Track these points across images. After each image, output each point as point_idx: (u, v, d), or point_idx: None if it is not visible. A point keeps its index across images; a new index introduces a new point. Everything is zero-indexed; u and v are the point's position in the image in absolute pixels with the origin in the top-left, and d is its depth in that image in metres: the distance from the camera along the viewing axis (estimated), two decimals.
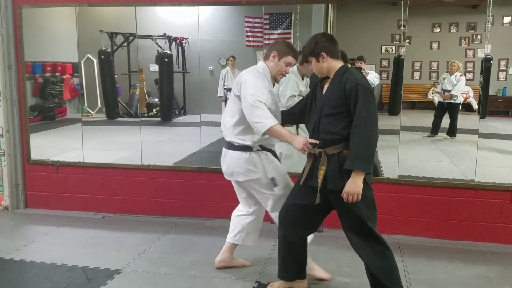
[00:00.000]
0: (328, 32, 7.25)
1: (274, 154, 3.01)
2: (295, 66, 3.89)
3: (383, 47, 8.07)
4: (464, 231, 3.79)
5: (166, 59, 7.73)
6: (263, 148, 2.91)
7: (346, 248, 3.62)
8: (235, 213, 3.25)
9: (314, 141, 2.58)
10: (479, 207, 3.77)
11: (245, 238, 3.18)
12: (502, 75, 8.18)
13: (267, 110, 2.69)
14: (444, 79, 6.44)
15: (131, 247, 3.63)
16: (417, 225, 3.88)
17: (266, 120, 2.65)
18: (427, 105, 7.56)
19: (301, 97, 3.62)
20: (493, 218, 3.75)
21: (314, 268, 3.10)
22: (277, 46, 2.93)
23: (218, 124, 6.97)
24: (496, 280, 3.13)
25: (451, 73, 6.37)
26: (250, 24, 7.38)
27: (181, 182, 4.35)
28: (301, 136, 2.76)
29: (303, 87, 4.01)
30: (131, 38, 7.39)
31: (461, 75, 6.34)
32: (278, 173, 2.95)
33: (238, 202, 4.24)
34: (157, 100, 7.85)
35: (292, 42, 7.48)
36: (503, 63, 8.06)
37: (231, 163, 2.95)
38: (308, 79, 4.51)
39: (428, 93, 7.49)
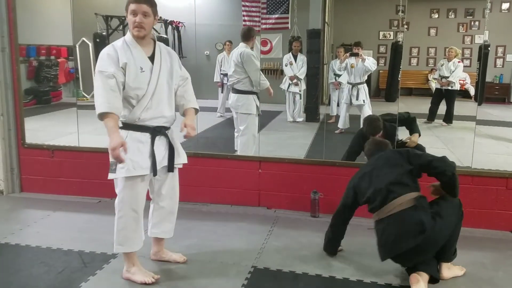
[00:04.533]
0: (326, 17, 7.20)
1: (153, 136, 2.73)
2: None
3: (381, 33, 8.02)
4: None
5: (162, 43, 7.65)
6: (126, 126, 2.69)
7: None
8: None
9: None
10: (475, 193, 3.78)
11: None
12: (499, 61, 8.17)
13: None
14: (442, 65, 6.42)
15: None
16: None
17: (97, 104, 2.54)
18: (424, 92, 7.55)
19: None
20: (488, 204, 3.77)
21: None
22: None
23: (214, 109, 6.99)
24: (490, 266, 3.15)
25: (449, 60, 6.35)
26: (247, 8, 7.31)
27: None
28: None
29: None
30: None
31: (459, 62, 6.32)
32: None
33: (235, 188, 4.25)
34: None
35: (289, 26, 7.45)
36: (500, 49, 8.04)
37: None
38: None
39: (429, 75, 7.48)
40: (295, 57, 6.94)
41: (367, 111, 6.09)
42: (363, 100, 6.12)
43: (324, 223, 3.87)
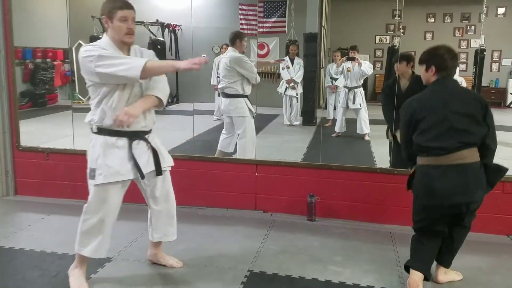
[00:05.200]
0: (323, 20, 7.21)
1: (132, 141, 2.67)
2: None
3: (377, 37, 8.06)
4: None
5: (158, 46, 7.66)
6: (102, 131, 2.63)
7: (338, 237, 3.65)
8: None
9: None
10: None
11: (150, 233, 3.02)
12: (495, 66, 8.21)
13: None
14: None
15: (122, 236, 3.60)
16: (409, 214, 3.82)
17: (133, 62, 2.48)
18: None
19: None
20: (485, 208, 3.69)
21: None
22: (102, 9, 2.57)
23: (211, 112, 6.97)
24: (487, 270, 3.15)
25: None
26: (244, 12, 7.32)
27: (173, 171, 4.27)
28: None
29: None
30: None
31: None
32: (104, 170, 2.64)
33: (231, 191, 4.24)
34: None
35: (286, 30, 7.46)
36: (496, 54, 8.09)
37: None
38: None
39: None
40: (292, 61, 6.96)
41: (364, 114, 6.11)
42: (360, 104, 6.13)
43: (321, 226, 3.88)
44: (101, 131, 2.64)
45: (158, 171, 2.81)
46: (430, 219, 2.77)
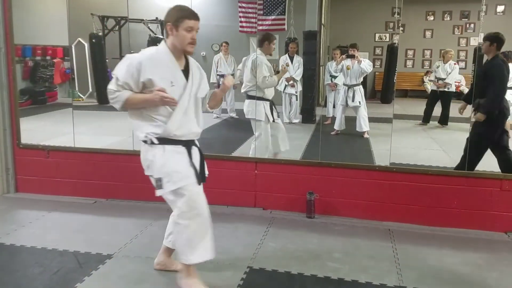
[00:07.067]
0: (322, 18, 7.22)
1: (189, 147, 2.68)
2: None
3: (377, 35, 8.04)
4: (454, 218, 3.83)
5: (158, 44, 7.63)
6: (160, 140, 2.60)
7: (337, 234, 3.67)
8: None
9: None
10: (469, 195, 3.80)
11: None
12: None
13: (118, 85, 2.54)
14: (437, 67, 6.44)
15: (123, 232, 3.63)
16: (408, 212, 3.91)
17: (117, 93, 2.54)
18: (419, 94, 7.58)
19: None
20: (483, 205, 3.79)
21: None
22: (168, 16, 2.55)
23: (209, 110, 6.99)
24: (485, 266, 3.17)
25: (445, 62, 6.37)
26: (243, 10, 7.33)
27: None
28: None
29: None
30: (122, 22, 7.30)
31: (455, 64, 6.34)
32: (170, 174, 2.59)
33: (231, 189, 4.26)
34: None
35: (286, 28, 7.46)
36: None
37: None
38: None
39: (425, 77, 7.52)
40: (291, 59, 6.95)
41: (363, 112, 6.12)
42: (359, 102, 6.15)
43: (320, 224, 3.90)
44: (160, 140, 2.60)
45: (204, 178, 2.81)
46: None
